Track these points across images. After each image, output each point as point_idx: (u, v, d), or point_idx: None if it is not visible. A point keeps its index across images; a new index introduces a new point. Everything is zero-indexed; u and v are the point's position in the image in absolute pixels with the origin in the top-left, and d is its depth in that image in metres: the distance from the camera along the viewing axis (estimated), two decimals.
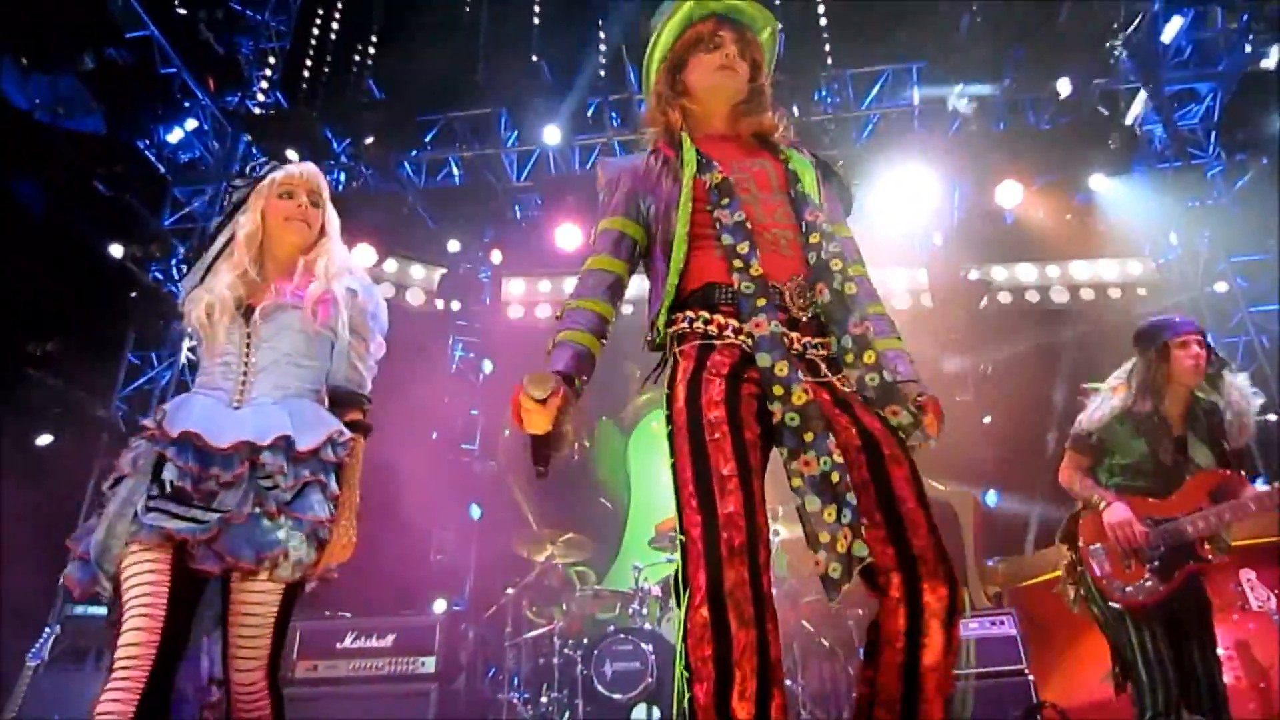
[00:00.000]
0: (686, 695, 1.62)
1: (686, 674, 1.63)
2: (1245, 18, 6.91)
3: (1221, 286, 7.73)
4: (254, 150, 7.57)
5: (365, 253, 7.21)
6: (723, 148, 2.14)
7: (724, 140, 2.18)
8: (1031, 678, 4.97)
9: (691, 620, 1.62)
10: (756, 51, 2.21)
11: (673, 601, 4.73)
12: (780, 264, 1.94)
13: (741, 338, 1.86)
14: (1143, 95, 7.63)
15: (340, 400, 2.43)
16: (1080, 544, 3.53)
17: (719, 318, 1.91)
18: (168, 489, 2.09)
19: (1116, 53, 7.23)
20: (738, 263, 1.89)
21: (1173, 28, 7.24)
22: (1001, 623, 5.24)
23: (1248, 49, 7.00)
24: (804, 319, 1.92)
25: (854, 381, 1.86)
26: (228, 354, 2.31)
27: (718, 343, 1.88)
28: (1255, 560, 4.78)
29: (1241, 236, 7.57)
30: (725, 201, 1.98)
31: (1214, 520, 3.27)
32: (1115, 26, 7.26)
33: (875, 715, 1.64)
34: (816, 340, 1.91)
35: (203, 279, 2.39)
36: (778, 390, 1.76)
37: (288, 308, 2.35)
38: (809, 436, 1.72)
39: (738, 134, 2.20)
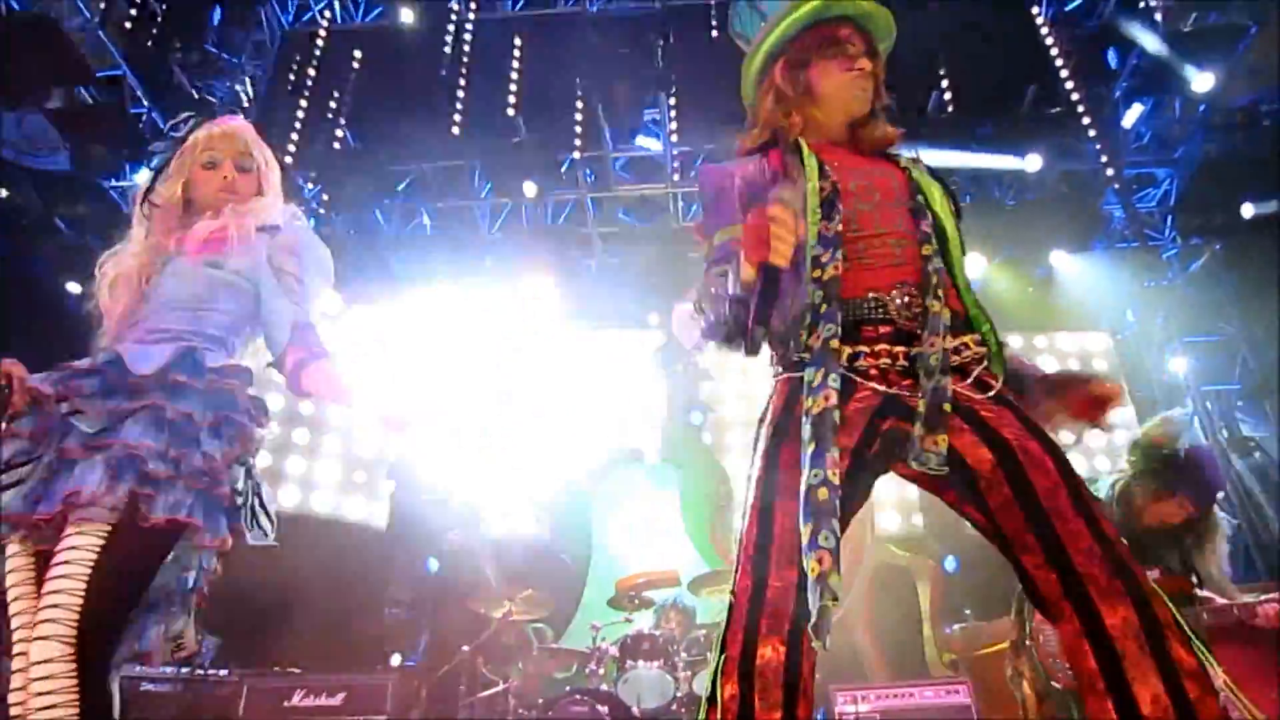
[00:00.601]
0: None
1: None
2: (1203, 108, 7.17)
3: (1175, 365, 7.95)
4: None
5: (331, 299, 7.13)
6: (839, 154, 1.99)
7: (838, 147, 2.02)
8: None
9: (719, 689, 1.53)
10: (880, 65, 2.06)
11: (710, 654, 4.69)
12: (890, 274, 1.80)
13: (841, 364, 1.70)
14: (1105, 176, 7.88)
15: (289, 342, 2.16)
16: (1032, 621, 3.59)
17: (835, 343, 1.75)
18: (9, 463, 1.87)
19: (1080, 135, 7.46)
20: (816, 273, 1.75)
21: (1133, 114, 7.50)
22: (956, 691, 5.28)
23: (1203, 140, 7.27)
24: (915, 331, 1.76)
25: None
26: (116, 309, 2.13)
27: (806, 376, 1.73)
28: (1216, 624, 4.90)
29: (1195, 318, 7.82)
30: (865, 205, 1.87)
31: None
32: (1080, 110, 7.49)
33: None
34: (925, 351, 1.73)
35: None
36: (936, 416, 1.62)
37: (174, 255, 2.15)
38: (811, 449, 1.58)
39: (856, 145, 2.04)
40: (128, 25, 6.86)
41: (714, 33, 7.84)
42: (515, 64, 7.75)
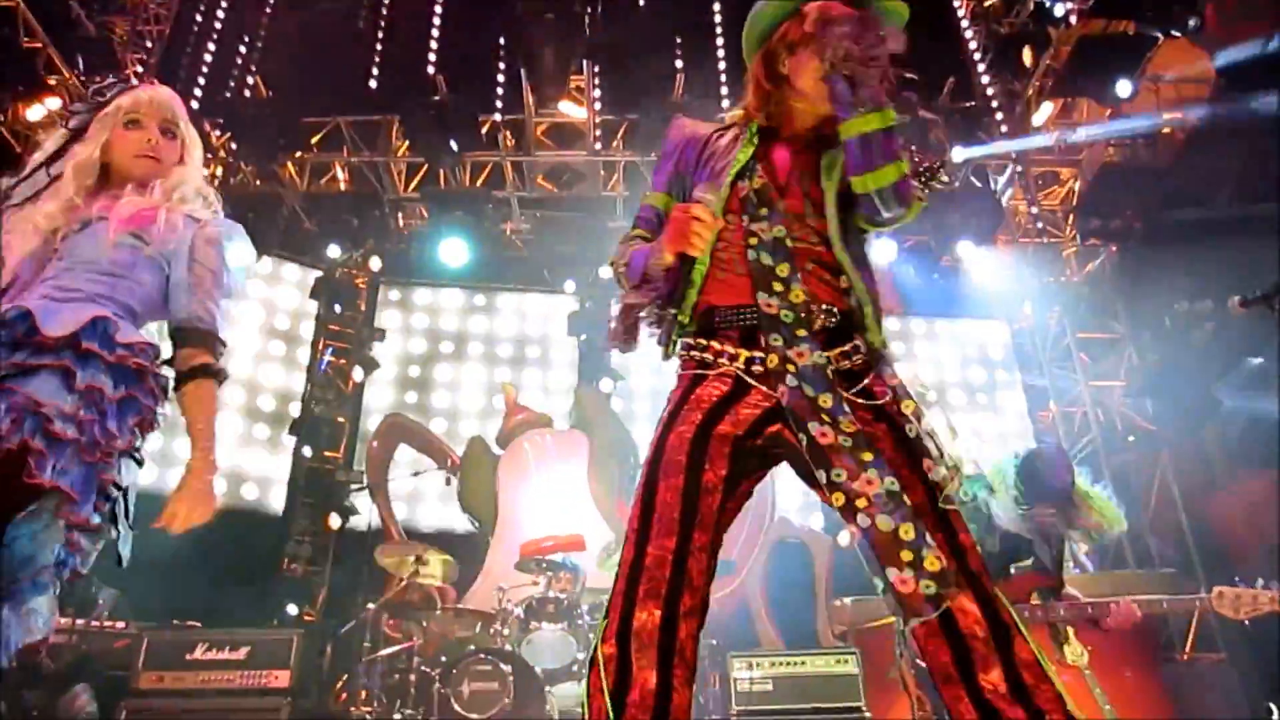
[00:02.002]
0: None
1: (585, 712, 1.60)
2: (1109, 114, 7.38)
3: (1066, 360, 8.28)
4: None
5: (240, 248, 6.92)
6: (786, 152, 1.94)
7: (794, 143, 1.96)
8: (869, 715, 5.24)
9: (598, 653, 1.61)
10: None
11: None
12: (814, 283, 1.84)
13: (737, 365, 1.79)
14: (1011, 172, 8.08)
15: (186, 339, 2.09)
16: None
17: (715, 344, 1.83)
18: None
19: (992, 130, 7.62)
20: (778, 287, 1.79)
21: (1043, 113, 7.67)
22: (845, 661, 5.50)
23: (1107, 144, 7.50)
24: (827, 331, 1.81)
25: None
26: (26, 268, 2.05)
27: (711, 372, 1.81)
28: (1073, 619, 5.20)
29: (1088, 316, 8.13)
30: (764, 211, 1.86)
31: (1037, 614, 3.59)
32: (994, 105, 7.64)
33: None
34: (829, 355, 1.79)
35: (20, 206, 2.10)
36: (826, 418, 1.68)
37: (96, 219, 2.09)
38: (866, 456, 1.64)
39: (827, 145, 1.92)
40: None
41: (641, 1, 7.75)
42: (437, 20, 7.56)
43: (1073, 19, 7.04)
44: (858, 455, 1.65)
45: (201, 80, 7.21)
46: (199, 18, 7.33)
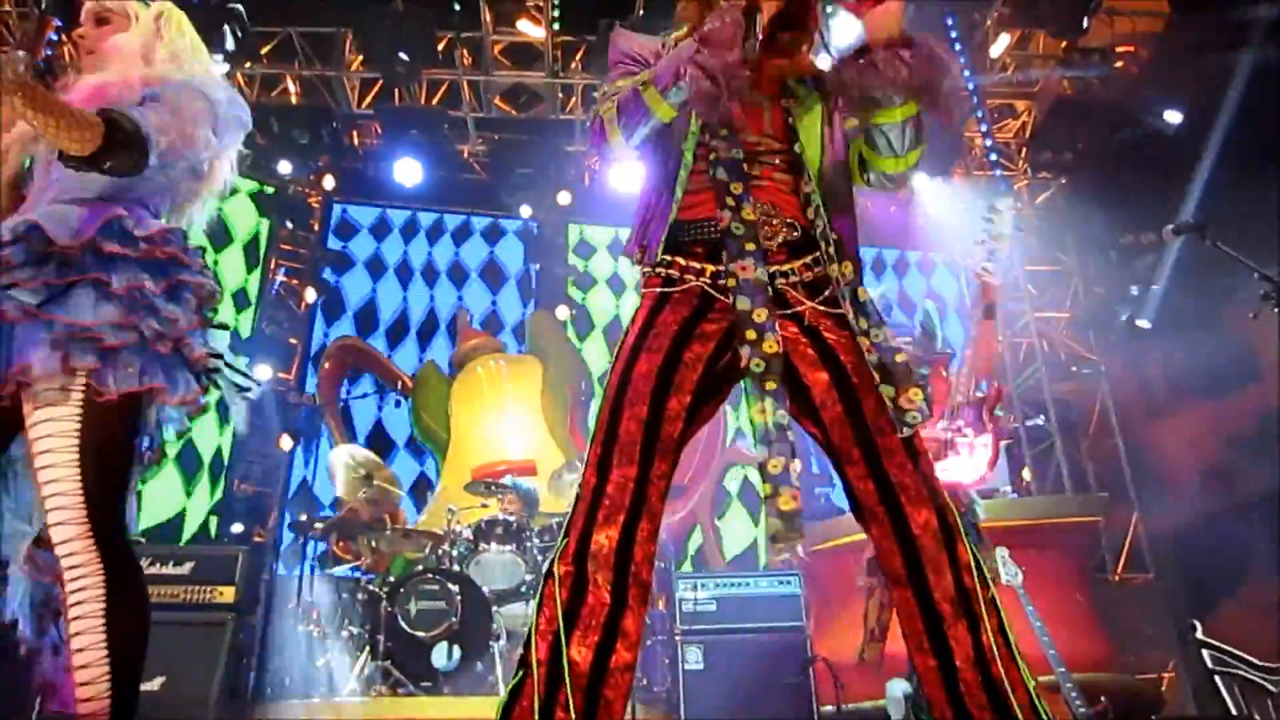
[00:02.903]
0: (531, 644, 1.62)
1: (532, 619, 1.64)
2: (1064, 46, 7.44)
3: (1014, 291, 8.42)
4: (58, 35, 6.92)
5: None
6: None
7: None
8: (809, 634, 5.37)
9: (554, 570, 1.66)
10: None
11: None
12: (766, 197, 1.85)
13: (703, 280, 1.81)
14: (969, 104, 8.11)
15: None
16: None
17: (681, 259, 1.84)
18: None
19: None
20: (730, 201, 1.80)
21: (1000, 44, 7.71)
22: (788, 583, 5.63)
23: (1061, 76, 7.56)
24: (773, 248, 1.83)
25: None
26: (39, 177, 2.06)
27: (677, 290, 1.82)
28: (1008, 539, 5.37)
29: (1037, 248, 8.26)
30: (724, 132, 1.86)
31: None
32: (954, 36, 7.65)
33: (924, 663, 1.61)
34: (789, 267, 1.83)
35: None
36: (750, 335, 1.70)
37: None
38: (770, 385, 1.68)
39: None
40: None
41: None
42: None
43: None
44: (763, 382, 1.69)
45: None
46: None
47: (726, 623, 5.29)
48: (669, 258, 1.85)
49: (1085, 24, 6.99)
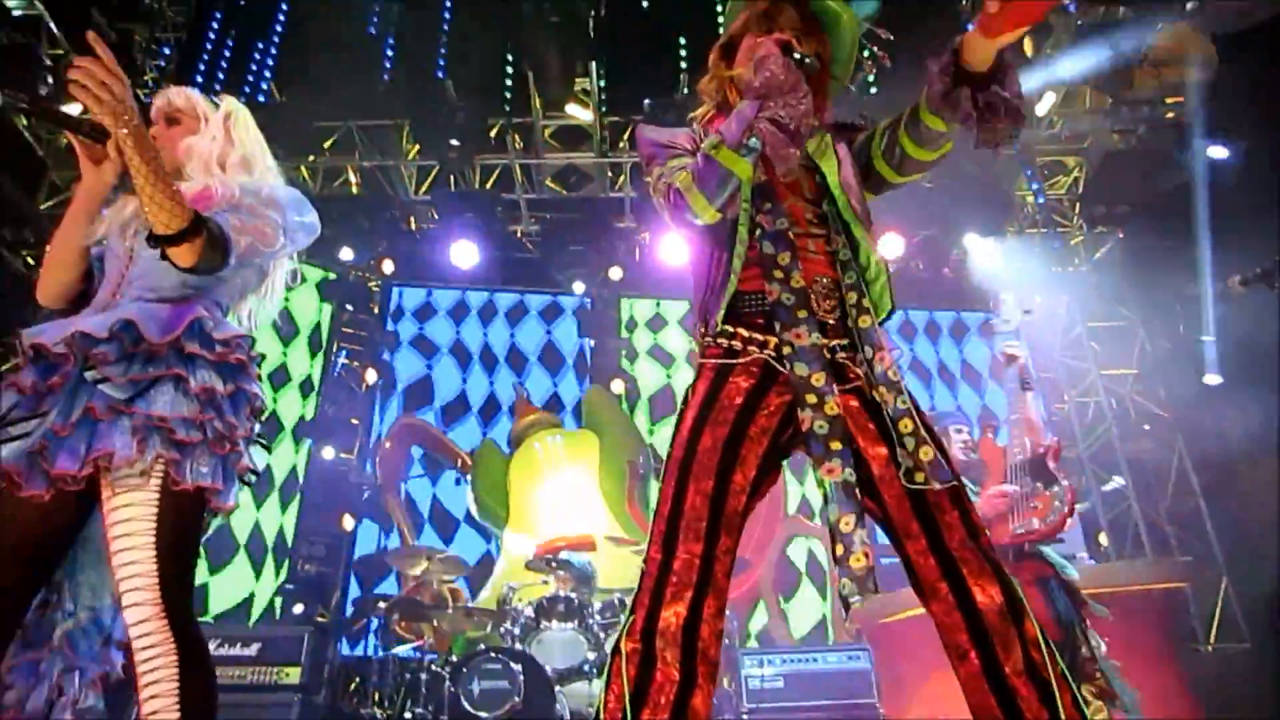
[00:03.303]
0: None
1: (600, 696, 1.64)
2: (1111, 101, 7.40)
3: (1078, 349, 8.22)
4: None
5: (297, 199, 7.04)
6: None
7: None
8: (882, 711, 5.17)
9: (621, 646, 1.66)
10: (820, 44, 2.00)
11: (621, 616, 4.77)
12: (811, 268, 1.89)
13: (767, 352, 1.82)
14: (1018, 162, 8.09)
15: None
16: None
17: (743, 330, 1.85)
18: (5, 418, 1.90)
19: None
20: (778, 273, 1.83)
21: (1045, 103, 7.69)
22: (857, 658, 5.44)
23: (1112, 132, 7.49)
24: (830, 322, 1.87)
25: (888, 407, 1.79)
26: (111, 268, 2.14)
27: (739, 362, 1.83)
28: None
29: (1098, 303, 8.07)
30: (768, 206, 1.90)
31: None
32: None
33: None
34: (843, 342, 1.86)
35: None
36: (810, 399, 1.72)
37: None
38: (835, 445, 1.70)
39: None
40: None
41: (645, 4, 7.91)
42: (445, 25, 7.75)
43: (1071, 6, 7.08)
44: (828, 443, 1.70)
45: (217, 87, 7.41)
46: (215, 25, 7.56)
47: (795, 700, 5.17)
48: (730, 328, 1.86)
49: (1131, 77, 6.97)
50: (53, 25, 7.02)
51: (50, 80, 6.97)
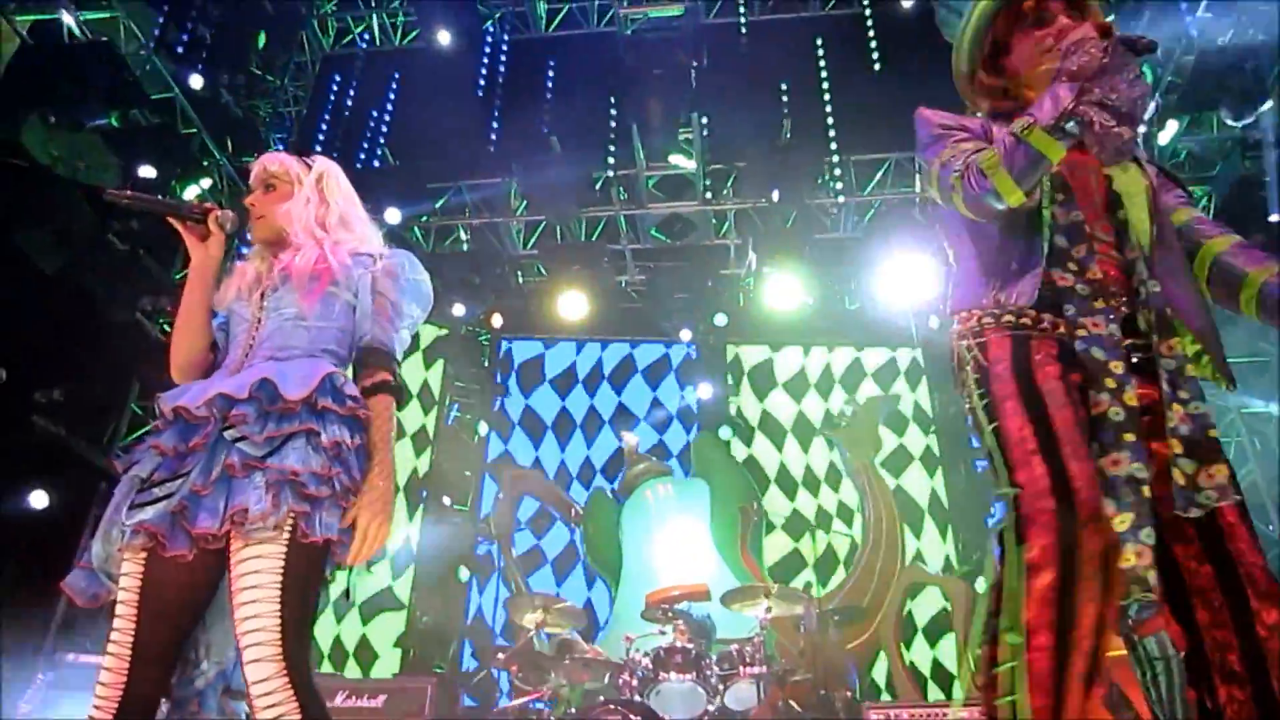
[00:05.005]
0: (1013, 662, 1.50)
1: (1018, 639, 1.50)
2: (1239, 127, 7.06)
3: (1217, 386, 7.78)
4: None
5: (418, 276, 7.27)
6: None
7: None
8: None
9: (1030, 583, 1.50)
10: (1097, 15, 1.90)
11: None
12: (1103, 266, 1.80)
13: (1059, 331, 1.73)
14: None
15: (368, 359, 2.21)
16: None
17: (1033, 311, 1.76)
18: (149, 479, 1.95)
19: None
20: (1073, 265, 1.77)
21: (1169, 131, 7.40)
22: None
23: (1240, 157, 7.15)
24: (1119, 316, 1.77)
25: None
26: (239, 331, 2.22)
27: (1034, 332, 1.74)
28: None
29: (1236, 339, 7.63)
30: (1060, 198, 1.83)
31: None
32: None
33: None
34: (1139, 342, 1.76)
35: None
36: (1109, 383, 1.64)
37: (286, 275, 2.24)
38: (1128, 437, 1.61)
39: None
40: (179, 50, 7.20)
41: (745, 51, 7.95)
42: (549, 84, 7.93)
43: (1194, 31, 6.81)
44: (1121, 433, 1.62)
45: (336, 155, 7.72)
46: (332, 98, 7.90)
47: None
48: (1025, 307, 1.76)
49: (1265, 100, 6.65)
50: (186, 105, 7.46)
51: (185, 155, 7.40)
